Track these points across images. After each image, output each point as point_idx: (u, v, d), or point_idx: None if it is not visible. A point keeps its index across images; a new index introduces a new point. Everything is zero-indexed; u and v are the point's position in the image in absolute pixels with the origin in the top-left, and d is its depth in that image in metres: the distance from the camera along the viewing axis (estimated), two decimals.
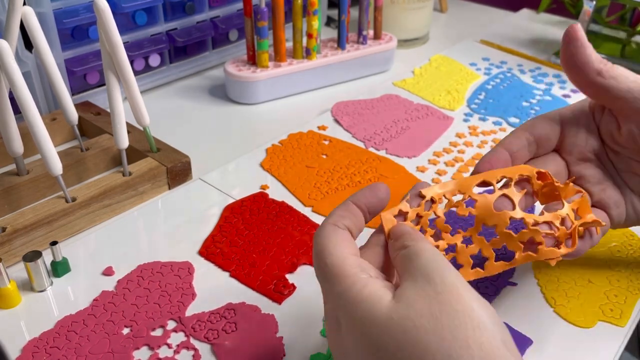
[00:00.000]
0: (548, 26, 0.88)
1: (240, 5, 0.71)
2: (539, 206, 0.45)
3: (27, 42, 0.50)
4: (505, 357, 0.23)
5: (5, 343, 0.36)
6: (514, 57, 0.77)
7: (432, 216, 0.31)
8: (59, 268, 0.40)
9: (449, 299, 0.24)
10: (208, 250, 0.43)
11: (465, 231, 0.32)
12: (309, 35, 0.64)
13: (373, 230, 0.31)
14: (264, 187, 0.50)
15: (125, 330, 0.37)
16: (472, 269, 0.31)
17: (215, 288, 0.40)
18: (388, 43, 0.70)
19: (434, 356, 0.23)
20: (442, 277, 0.25)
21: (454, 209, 0.32)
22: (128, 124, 0.51)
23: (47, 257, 0.40)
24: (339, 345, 0.27)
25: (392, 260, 0.29)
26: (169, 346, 0.36)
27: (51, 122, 0.54)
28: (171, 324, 0.37)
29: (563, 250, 0.32)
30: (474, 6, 0.98)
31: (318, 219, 0.46)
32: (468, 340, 0.23)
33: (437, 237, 0.31)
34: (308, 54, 0.65)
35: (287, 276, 0.41)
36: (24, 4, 0.44)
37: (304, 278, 0.41)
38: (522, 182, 0.33)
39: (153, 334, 0.36)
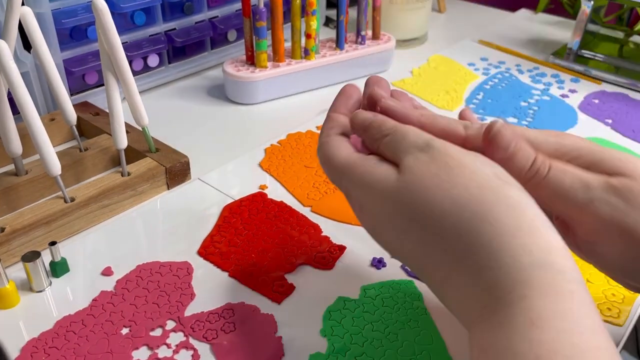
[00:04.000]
0: (546, 26, 0.89)
1: (238, 5, 0.71)
2: None
3: (26, 42, 0.50)
4: (499, 185, 0.26)
5: (4, 343, 0.36)
6: (512, 57, 0.77)
7: None
8: (58, 268, 0.40)
9: (443, 159, 0.27)
10: (207, 250, 0.43)
11: None
12: (308, 36, 0.64)
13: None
14: (262, 187, 0.50)
15: (124, 330, 0.37)
16: None
17: (214, 288, 0.40)
18: (386, 43, 0.70)
19: (441, 204, 0.26)
20: (431, 144, 0.28)
21: None
22: (127, 124, 0.51)
23: (46, 257, 0.40)
24: (366, 222, 0.31)
25: (372, 149, 0.31)
26: (168, 346, 0.36)
27: (50, 122, 0.54)
28: (170, 324, 0.37)
29: None
30: (472, 6, 0.98)
31: (317, 219, 0.46)
32: (466, 183, 0.26)
33: None
34: (307, 54, 0.65)
35: (286, 276, 0.41)
36: (23, 4, 0.44)
37: (303, 278, 0.41)
38: None
39: (152, 334, 0.36)
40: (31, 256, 0.38)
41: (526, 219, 0.26)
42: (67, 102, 0.49)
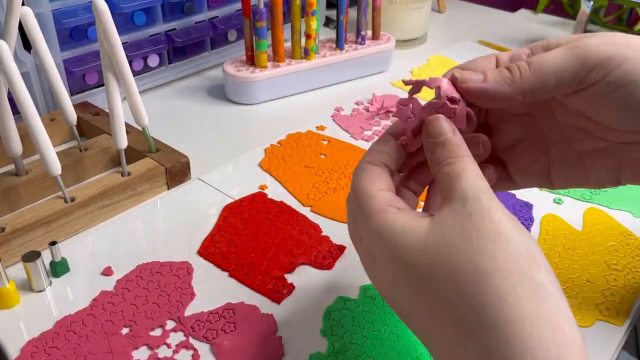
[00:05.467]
0: (546, 26, 0.89)
1: (238, 5, 0.71)
2: None
3: (26, 42, 0.50)
4: (528, 264, 0.24)
5: (5, 343, 0.36)
6: None
7: None
8: (58, 268, 0.41)
9: (480, 218, 0.25)
10: (207, 250, 0.43)
11: None
12: (308, 36, 0.64)
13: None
14: (262, 187, 0.50)
15: (125, 330, 0.37)
16: None
17: (214, 288, 0.40)
18: (386, 43, 0.70)
19: (461, 268, 0.24)
20: (477, 198, 0.25)
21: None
22: (127, 124, 0.51)
23: (46, 257, 0.40)
24: (375, 278, 0.29)
25: (432, 170, 0.29)
26: (168, 346, 0.36)
27: (50, 122, 0.54)
28: (170, 324, 0.37)
29: None
30: (472, 6, 0.98)
31: (317, 219, 0.46)
32: (495, 253, 0.24)
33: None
34: (306, 54, 0.65)
35: (286, 276, 0.41)
36: (23, 4, 0.44)
37: (303, 278, 0.41)
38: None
39: (152, 333, 0.36)
40: (31, 256, 0.38)
41: (548, 308, 0.23)
42: (67, 102, 0.49)
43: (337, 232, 0.45)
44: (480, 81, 0.29)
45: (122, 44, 0.45)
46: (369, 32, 0.71)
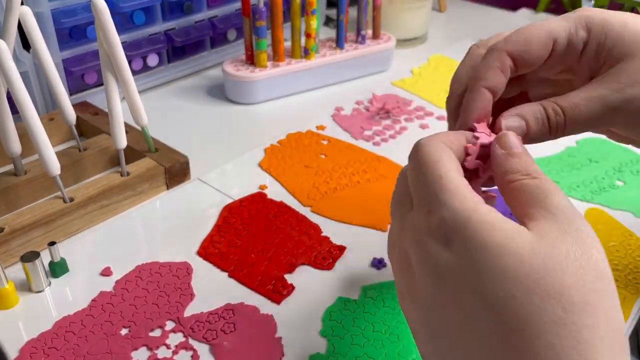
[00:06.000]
0: None
1: (238, 5, 0.71)
2: None
3: (25, 42, 0.50)
4: (614, 313, 0.22)
5: (3, 344, 0.36)
6: None
7: None
8: (57, 268, 0.40)
9: (588, 245, 0.23)
10: (206, 251, 0.43)
11: None
12: (308, 35, 0.64)
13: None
14: (262, 187, 0.50)
15: (124, 331, 0.36)
16: None
17: (213, 288, 0.40)
18: (386, 43, 0.70)
19: (568, 293, 0.21)
20: (582, 222, 0.23)
21: None
22: (126, 124, 0.51)
23: (45, 257, 0.40)
24: (411, 288, 0.25)
25: (499, 179, 0.26)
26: (168, 347, 0.35)
27: (49, 122, 0.54)
28: (170, 325, 0.37)
29: None
30: (472, 6, 0.98)
31: (317, 219, 0.46)
32: (595, 284, 0.22)
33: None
34: (306, 53, 0.65)
35: (286, 276, 0.41)
36: (22, 3, 0.44)
37: (302, 278, 0.41)
38: None
39: (151, 334, 0.36)
40: (30, 256, 0.38)
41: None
42: (66, 102, 0.49)
43: (337, 232, 0.45)
44: (522, 132, 0.30)
45: (122, 43, 0.45)
46: (369, 32, 0.71)
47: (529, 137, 0.30)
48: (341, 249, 0.43)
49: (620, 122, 0.31)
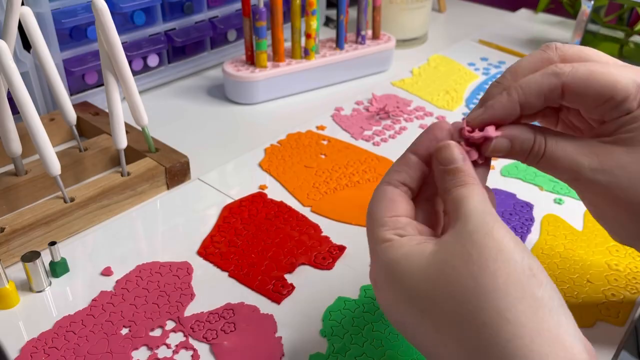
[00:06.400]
0: (546, 26, 0.88)
1: (238, 5, 0.71)
2: None
3: (26, 42, 0.50)
4: (528, 281, 0.24)
5: (4, 343, 0.36)
6: (512, 57, 0.77)
7: None
8: (58, 268, 0.40)
9: (482, 237, 0.25)
10: (207, 251, 0.43)
11: None
12: (308, 36, 0.64)
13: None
14: (262, 187, 0.50)
15: (124, 331, 0.37)
16: None
17: (214, 288, 0.40)
18: (386, 43, 0.70)
19: (464, 288, 0.24)
20: (480, 218, 0.26)
21: None
22: (126, 124, 0.51)
23: (46, 257, 0.40)
24: (381, 305, 0.29)
25: (440, 195, 0.29)
26: (168, 346, 0.36)
27: (49, 122, 0.54)
28: (170, 324, 0.37)
29: None
30: (472, 6, 0.98)
31: (317, 219, 0.46)
32: (496, 271, 0.24)
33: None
34: (306, 54, 0.65)
35: (286, 276, 0.41)
36: (22, 4, 0.44)
37: (302, 278, 0.41)
38: None
39: (152, 334, 0.36)
40: (31, 256, 0.38)
41: (549, 325, 0.24)
42: (66, 102, 0.49)
43: (337, 232, 0.45)
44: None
45: (122, 43, 0.45)
46: (369, 32, 0.71)
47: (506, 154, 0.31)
48: (341, 249, 0.43)
49: (588, 192, 0.32)
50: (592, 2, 0.71)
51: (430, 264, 0.26)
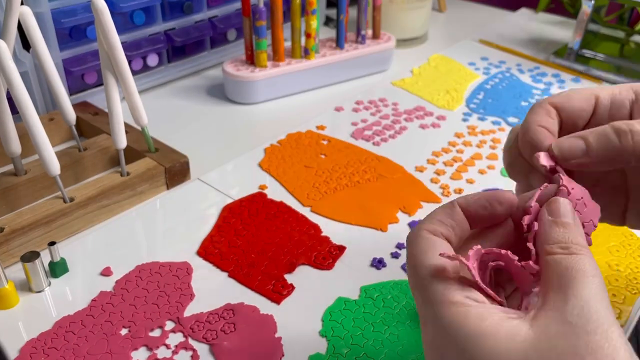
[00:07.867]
0: (547, 26, 0.88)
1: (238, 5, 0.71)
2: None
3: (25, 42, 0.50)
4: None
5: (3, 344, 0.36)
6: (512, 57, 0.77)
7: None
8: (57, 268, 0.40)
9: (599, 341, 0.21)
10: (206, 251, 0.43)
11: None
12: (308, 35, 0.64)
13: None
14: (262, 187, 0.50)
15: (124, 331, 0.36)
16: None
17: (213, 288, 0.40)
18: (387, 43, 0.70)
19: None
20: (600, 315, 0.22)
21: None
22: (126, 124, 0.51)
23: (45, 257, 0.40)
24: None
25: (539, 247, 0.26)
26: (168, 347, 0.35)
27: (49, 122, 0.54)
28: (169, 325, 0.37)
29: None
30: (472, 5, 0.98)
31: (317, 219, 0.46)
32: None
33: None
34: (307, 53, 0.65)
35: (286, 276, 0.41)
36: (22, 3, 0.44)
37: (302, 278, 0.41)
38: None
39: (151, 334, 0.36)
40: (30, 256, 0.38)
41: None
42: (66, 102, 0.49)
43: (337, 232, 0.45)
44: (582, 154, 0.29)
45: (122, 43, 0.45)
46: (369, 32, 0.71)
47: (591, 161, 0.29)
48: (341, 249, 0.43)
49: None
50: (593, 2, 0.71)
51: (527, 353, 0.22)
